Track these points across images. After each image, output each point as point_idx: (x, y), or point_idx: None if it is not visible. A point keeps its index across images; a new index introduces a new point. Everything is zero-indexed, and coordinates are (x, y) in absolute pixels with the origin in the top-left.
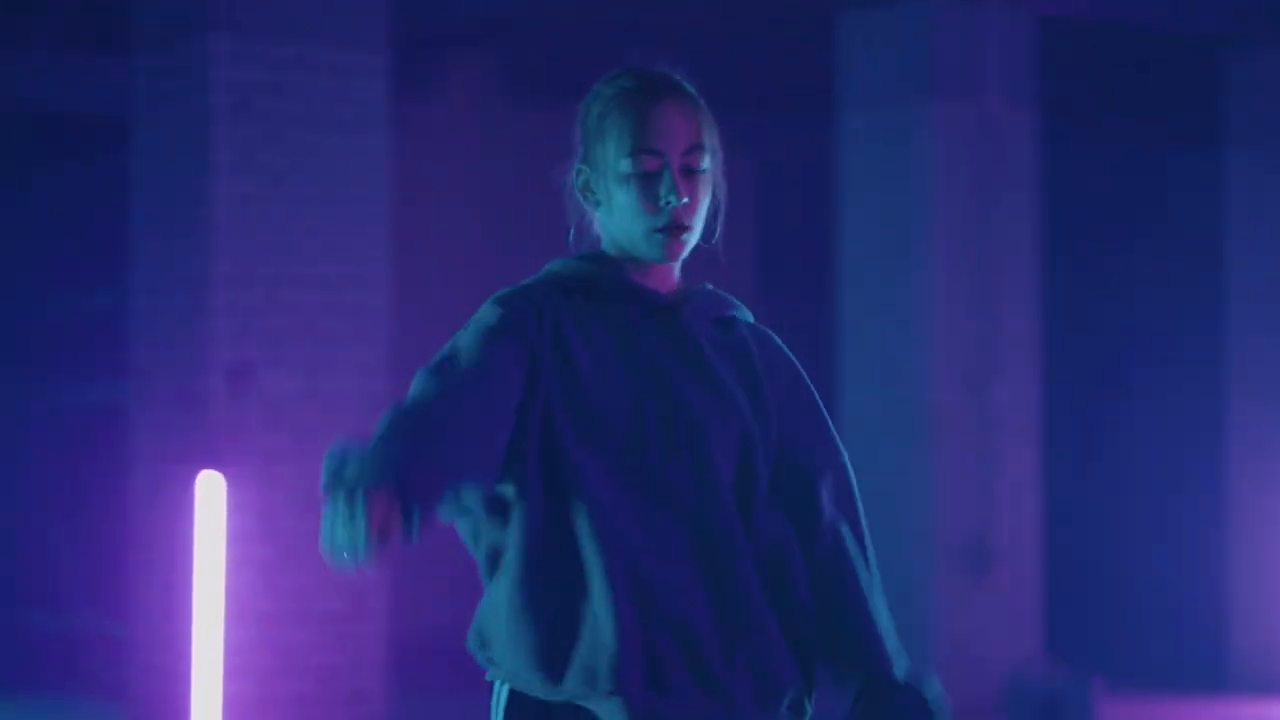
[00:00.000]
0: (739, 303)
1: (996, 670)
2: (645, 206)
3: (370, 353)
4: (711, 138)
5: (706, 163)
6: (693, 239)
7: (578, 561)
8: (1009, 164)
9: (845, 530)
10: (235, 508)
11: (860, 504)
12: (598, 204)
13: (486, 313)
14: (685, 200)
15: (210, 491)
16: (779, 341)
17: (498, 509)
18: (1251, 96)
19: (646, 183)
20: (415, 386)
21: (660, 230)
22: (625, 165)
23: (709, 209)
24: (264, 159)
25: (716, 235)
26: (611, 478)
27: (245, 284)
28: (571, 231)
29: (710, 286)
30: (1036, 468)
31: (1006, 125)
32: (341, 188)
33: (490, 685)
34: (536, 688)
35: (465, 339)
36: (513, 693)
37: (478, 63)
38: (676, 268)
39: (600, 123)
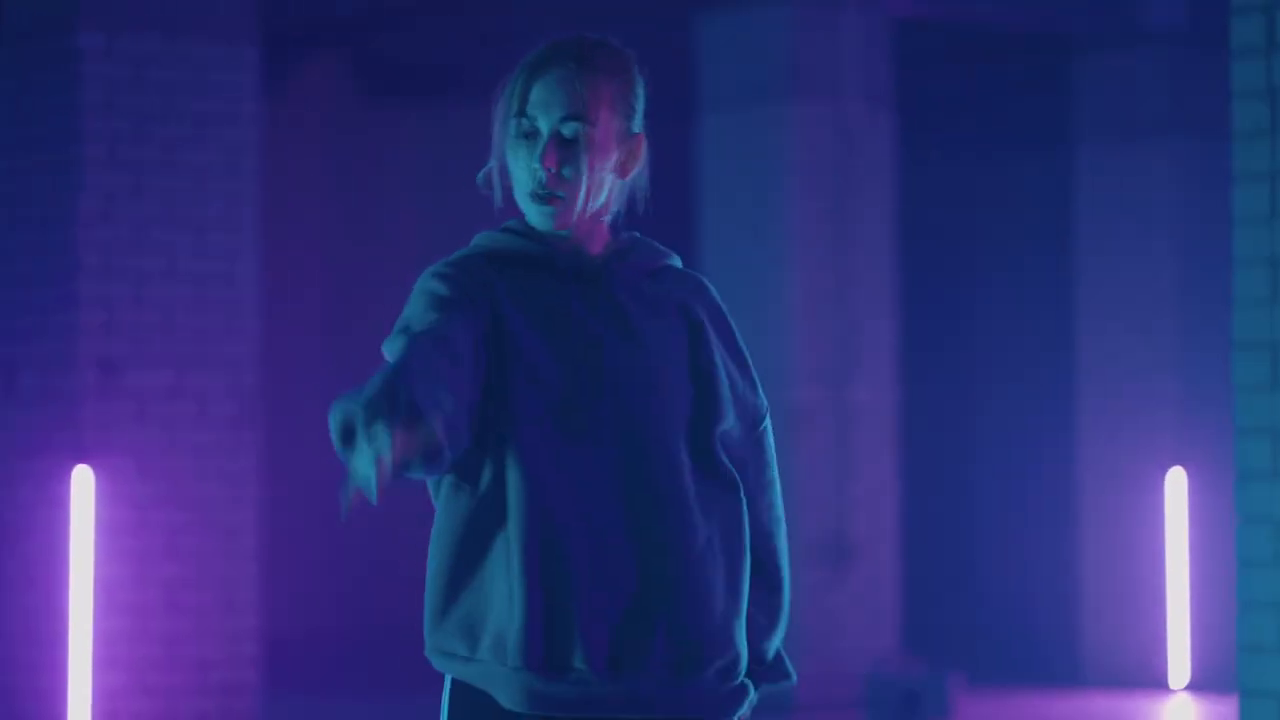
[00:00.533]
0: (670, 251)
1: (855, 665)
2: (523, 172)
3: (239, 348)
4: (603, 109)
5: (583, 132)
6: (573, 206)
7: (503, 533)
8: (867, 164)
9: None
10: (108, 501)
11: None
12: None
13: (432, 284)
14: (550, 168)
15: (82, 486)
16: (713, 291)
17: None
18: (1098, 95)
19: (526, 148)
20: (386, 353)
21: (532, 196)
22: (510, 128)
23: (625, 182)
24: (132, 154)
25: (642, 208)
26: (545, 446)
27: (113, 279)
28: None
29: (638, 236)
30: (894, 465)
31: (864, 126)
32: (210, 183)
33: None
34: (458, 661)
35: (417, 310)
36: (455, 686)
37: (330, 61)
38: (605, 226)
39: (502, 94)
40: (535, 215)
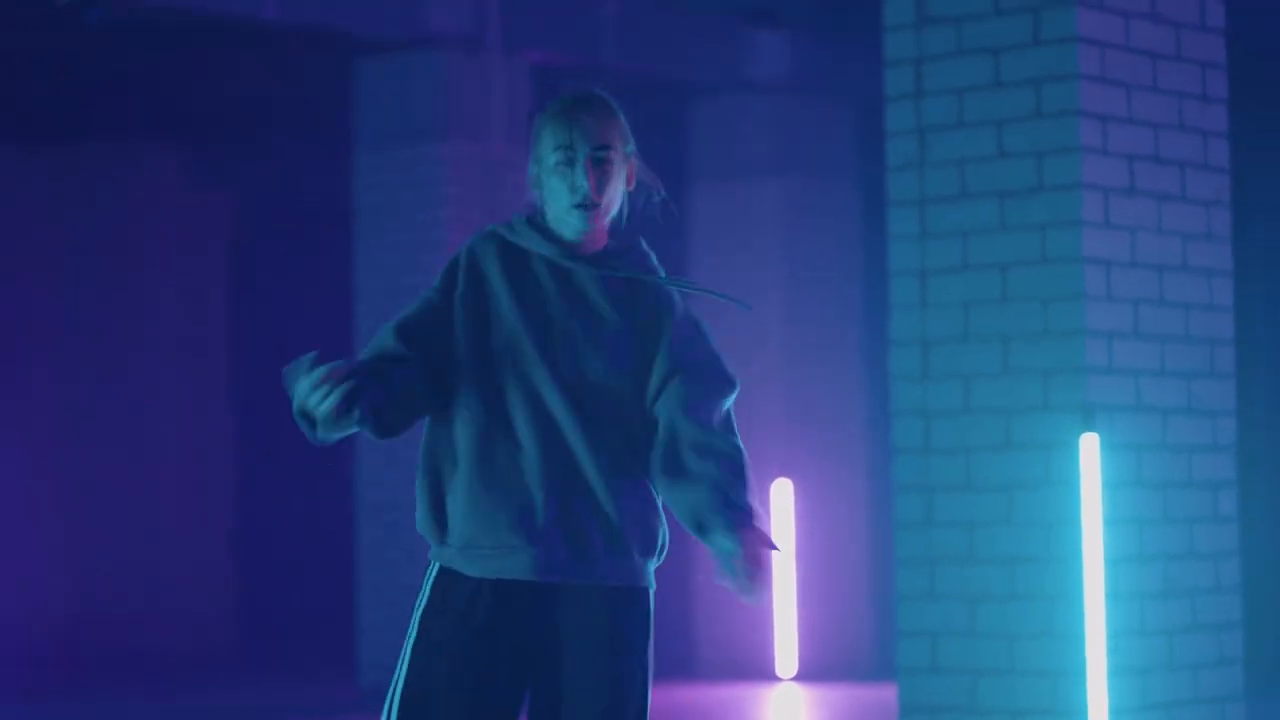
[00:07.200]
0: (655, 266)
1: None
2: (564, 189)
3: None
4: (615, 139)
5: (608, 157)
6: (603, 213)
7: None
8: (512, 200)
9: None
10: None
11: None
12: (541, 188)
13: (435, 282)
14: (593, 184)
15: None
16: (675, 300)
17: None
18: (710, 138)
19: (567, 172)
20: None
21: (577, 207)
22: (553, 158)
23: (627, 193)
24: None
25: (656, 206)
26: (488, 383)
27: None
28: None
29: (637, 244)
30: None
31: (510, 164)
32: None
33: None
34: (435, 548)
35: (413, 307)
36: (440, 570)
37: None
38: (605, 230)
39: (539, 129)
40: (576, 220)
